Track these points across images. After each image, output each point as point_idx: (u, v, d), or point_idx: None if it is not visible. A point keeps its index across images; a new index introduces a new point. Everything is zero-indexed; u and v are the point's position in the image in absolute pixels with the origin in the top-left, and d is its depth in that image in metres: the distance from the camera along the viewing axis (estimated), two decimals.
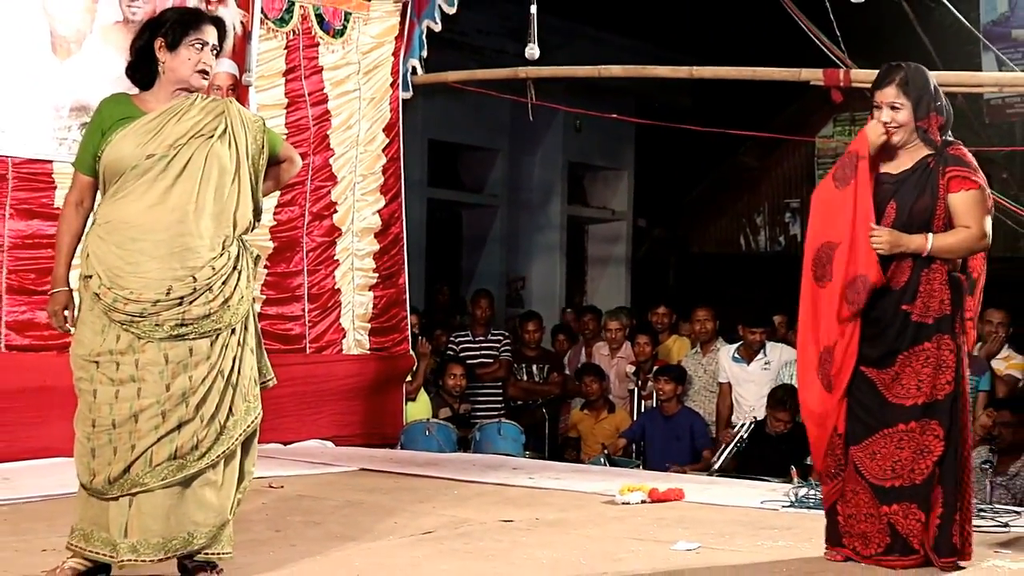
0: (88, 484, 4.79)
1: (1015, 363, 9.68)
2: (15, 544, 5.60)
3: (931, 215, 5.29)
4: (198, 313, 4.80)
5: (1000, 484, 8.12)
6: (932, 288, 5.27)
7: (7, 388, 7.97)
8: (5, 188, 8.10)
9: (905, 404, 5.26)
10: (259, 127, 5.09)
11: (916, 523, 5.24)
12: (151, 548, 4.74)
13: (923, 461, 5.23)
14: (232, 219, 4.95)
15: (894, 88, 5.36)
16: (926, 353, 5.27)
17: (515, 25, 9.61)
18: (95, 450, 4.76)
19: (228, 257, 4.90)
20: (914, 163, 5.37)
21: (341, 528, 6.20)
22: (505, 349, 11.48)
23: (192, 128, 4.90)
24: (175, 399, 4.76)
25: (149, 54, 4.98)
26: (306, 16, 9.75)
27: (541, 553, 5.62)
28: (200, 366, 4.81)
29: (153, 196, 4.83)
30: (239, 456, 4.95)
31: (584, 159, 16.25)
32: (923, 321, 5.27)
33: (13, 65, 8.08)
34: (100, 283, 4.78)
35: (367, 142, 10.22)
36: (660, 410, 10.25)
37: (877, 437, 5.29)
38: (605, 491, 7.36)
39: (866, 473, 5.31)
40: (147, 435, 4.73)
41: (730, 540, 5.98)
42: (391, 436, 10.07)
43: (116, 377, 4.75)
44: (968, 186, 5.28)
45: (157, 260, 4.78)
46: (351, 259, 10.11)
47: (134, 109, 4.94)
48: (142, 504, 4.74)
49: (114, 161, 4.85)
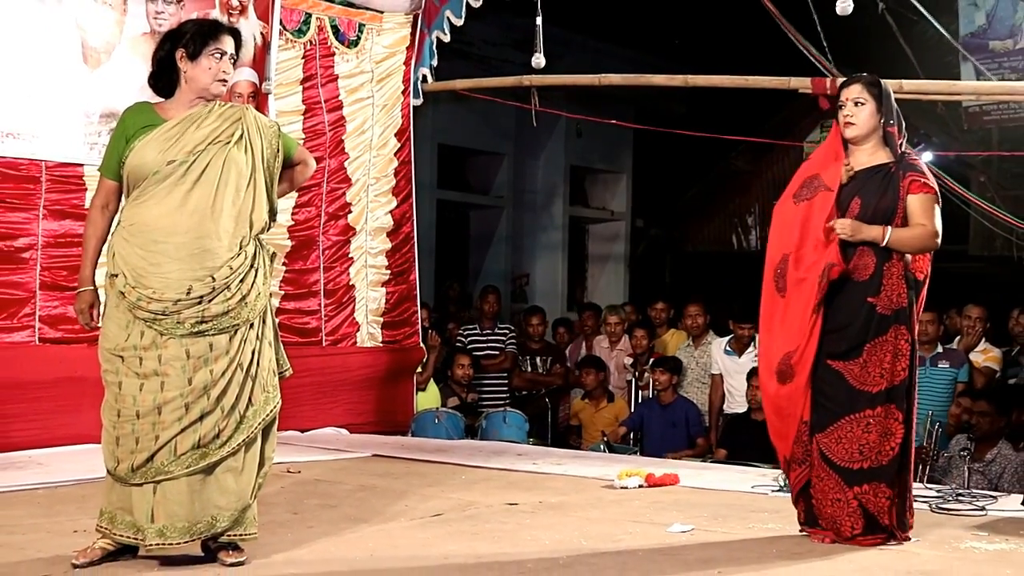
0: (113, 470, 4.82)
1: (992, 356, 9.66)
2: (48, 526, 5.62)
3: (892, 214, 5.45)
4: (217, 311, 4.82)
5: (977, 470, 8.12)
6: (892, 282, 5.41)
7: (41, 379, 7.98)
8: (39, 190, 8.11)
9: (872, 391, 5.38)
10: (274, 132, 5.10)
11: (885, 500, 5.37)
12: (177, 532, 4.77)
13: (888, 443, 5.38)
14: (248, 220, 4.96)
15: (859, 86, 5.55)
16: (887, 343, 5.39)
17: (519, 36, 9.61)
18: (119, 438, 4.79)
19: (245, 256, 4.91)
20: (875, 164, 5.51)
21: (355, 511, 6.21)
22: (511, 342, 11.48)
23: (210, 135, 4.91)
24: (197, 392, 4.78)
25: (170, 64, 5.00)
26: (322, 27, 9.76)
27: (544, 534, 5.63)
28: (220, 360, 4.83)
29: (174, 200, 4.84)
30: (259, 443, 4.96)
31: (585, 163, 16.23)
32: (884, 313, 5.40)
33: (47, 74, 8.10)
34: (125, 282, 4.80)
35: (380, 146, 10.22)
36: (657, 399, 10.25)
37: (843, 423, 5.39)
38: (604, 476, 7.37)
39: (833, 457, 5.40)
40: (171, 426, 4.75)
41: (723, 523, 5.99)
42: (402, 424, 10.08)
43: (140, 371, 4.78)
44: (926, 190, 5.45)
45: (178, 261, 4.80)
46: (365, 257, 10.11)
47: (156, 117, 4.95)
48: (167, 491, 4.76)
49: (137, 167, 4.86)
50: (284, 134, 5.20)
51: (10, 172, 8.00)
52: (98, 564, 4.80)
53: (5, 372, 7.85)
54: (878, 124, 5.53)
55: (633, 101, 14.44)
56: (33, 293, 8.08)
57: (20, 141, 8.00)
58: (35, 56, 8.04)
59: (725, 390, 10.22)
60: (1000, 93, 11.05)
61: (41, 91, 8.06)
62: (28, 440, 7.82)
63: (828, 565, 5.09)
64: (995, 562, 5.18)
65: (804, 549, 5.38)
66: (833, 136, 5.65)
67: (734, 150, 15.25)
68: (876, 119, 5.51)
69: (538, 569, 4.93)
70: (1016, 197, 13.36)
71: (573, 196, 16.24)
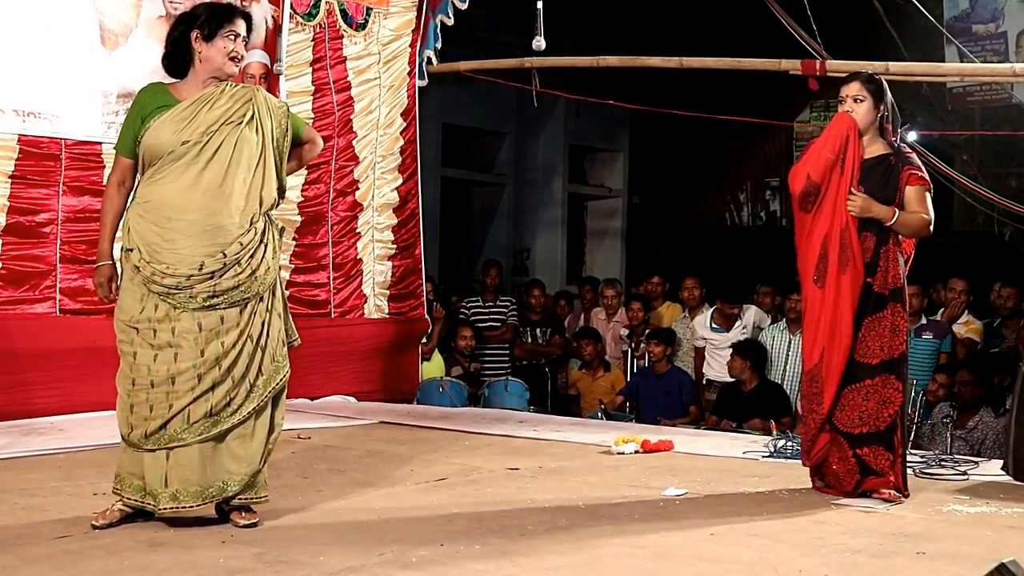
0: (126, 436, 4.84)
1: (974, 327, 9.67)
2: (69, 489, 5.63)
3: (891, 202, 5.70)
4: (228, 285, 4.83)
5: (960, 437, 8.13)
6: (887, 264, 5.67)
7: (62, 348, 7.98)
8: (59, 167, 8.09)
9: (871, 363, 5.64)
10: (283, 112, 5.09)
11: (885, 462, 5.62)
12: (190, 496, 4.79)
13: (886, 410, 5.63)
14: (259, 198, 4.96)
15: (858, 83, 5.78)
16: (884, 319, 5.64)
17: (521, 20, 9.55)
18: (133, 406, 4.81)
19: (255, 232, 4.91)
20: (875, 155, 5.76)
21: (363, 475, 6.22)
22: (512, 314, 11.48)
23: (223, 115, 4.90)
24: (209, 363, 4.79)
25: (184, 45, 4.98)
26: (331, 11, 9.72)
27: (544, 497, 5.64)
28: (230, 332, 4.84)
29: (188, 179, 4.84)
30: (269, 410, 4.97)
31: (583, 142, 16.19)
32: (881, 292, 5.66)
33: (67, 56, 8.08)
34: (140, 257, 4.80)
35: (386, 126, 10.20)
36: (652, 369, 10.26)
37: (846, 392, 5.66)
38: (602, 442, 7.37)
39: (838, 423, 5.67)
40: (184, 395, 4.77)
41: (715, 486, 6.00)
42: (408, 392, 10.08)
43: (154, 342, 4.79)
44: (923, 183, 5.75)
45: (191, 238, 4.79)
46: (372, 232, 10.10)
47: (170, 97, 4.94)
48: (180, 457, 4.78)
49: (153, 146, 4.85)
50: (293, 114, 5.19)
51: (32, 150, 7.99)
52: (116, 526, 4.81)
53: (28, 342, 7.85)
54: (875, 119, 5.76)
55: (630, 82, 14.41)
56: (54, 266, 8.08)
57: (41, 120, 7.99)
58: (55, 38, 8.02)
59: (707, 361, 10.24)
60: (983, 75, 11.05)
61: (61, 72, 8.04)
62: (50, 407, 7.82)
63: (816, 525, 5.10)
64: (976, 524, 5.19)
65: (793, 511, 5.40)
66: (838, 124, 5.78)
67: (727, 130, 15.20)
68: (873, 114, 5.75)
69: (538, 530, 4.93)
70: (997, 175, 13.35)
71: (572, 174, 16.21)
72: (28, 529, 4.78)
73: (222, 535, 4.74)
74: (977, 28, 13.39)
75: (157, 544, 4.57)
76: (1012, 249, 13.21)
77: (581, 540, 4.78)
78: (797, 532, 4.99)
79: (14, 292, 7.95)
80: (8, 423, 7.45)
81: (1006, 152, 13.84)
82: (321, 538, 4.75)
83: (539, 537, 4.82)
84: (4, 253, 7.92)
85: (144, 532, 4.74)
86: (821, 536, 4.91)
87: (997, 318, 10.03)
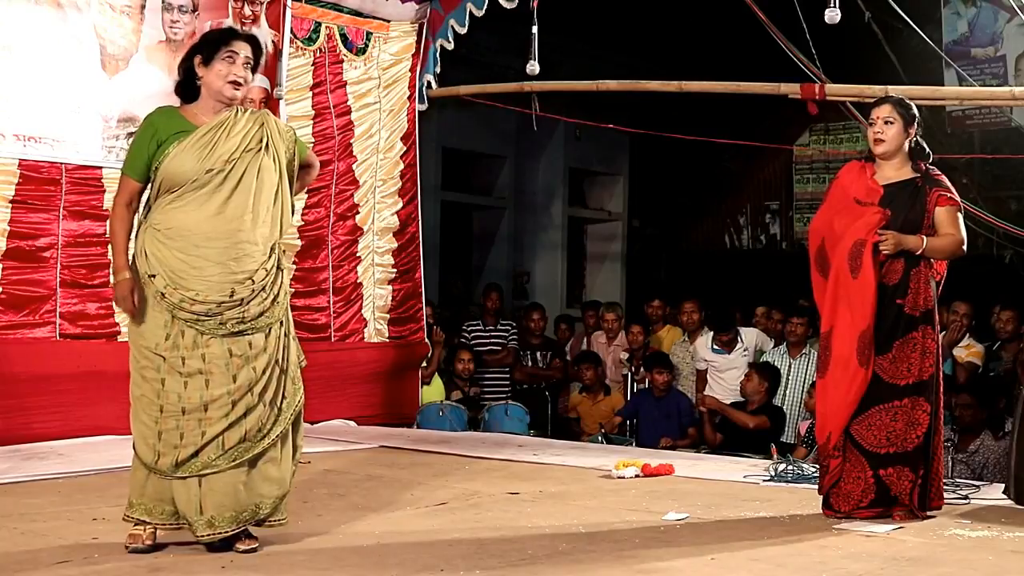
0: (152, 464, 4.80)
1: (975, 351, 9.65)
2: (68, 514, 5.63)
3: (920, 225, 5.70)
4: (255, 312, 4.86)
5: (961, 460, 8.12)
6: (919, 286, 5.67)
7: (61, 372, 7.99)
8: (59, 192, 8.11)
9: (899, 384, 5.64)
10: (291, 137, 5.13)
11: (908, 483, 5.62)
12: (225, 521, 4.81)
13: (914, 432, 5.63)
14: (279, 224, 5.00)
15: (889, 106, 5.84)
16: (915, 341, 5.65)
17: (521, 44, 9.58)
18: (162, 434, 4.78)
19: (276, 258, 4.96)
20: (902, 179, 5.78)
21: (363, 500, 6.21)
22: (512, 337, 11.49)
23: (241, 143, 4.90)
24: (243, 389, 4.81)
25: (192, 72, 4.99)
26: (331, 36, 9.76)
27: (544, 522, 5.63)
28: (260, 358, 4.87)
29: (213, 206, 4.85)
30: (291, 432, 5.01)
31: (583, 165, 16.20)
32: (912, 314, 5.66)
33: (68, 81, 8.12)
34: (165, 283, 4.79)
35: (387, 150, 10.22)
36: (651, 391, 10.25)
37: (873, 411, 5.65)
38: (602, 466, 7.37)
39: (862, 442, 5.66)
40: (217, 422, 4.78)
41: (716, 510, 5.99)
42: (408, 416, 10.08)
43: (183, 370, 4.79)
44: (952, 203, 5.76)
45: (219, 265, 4.81)
46: (372, 256, 10.12)
47: (186, 123, 4.93)
48: (213, 483, 4.79)
49: (175, 174, 4.83)
50: (298, 138, 5.21)
51: (32, 175, 8.01)
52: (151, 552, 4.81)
53: (28, 366, 7.86)
54: (903, 142, 5.80)
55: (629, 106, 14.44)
56: (54, 291, 8.09)
57: (42, 145, 8.02)
58: (56, 63, 8.05)
59: (709, 384, 10.23)
60: (982, 98, 11.06)
61: (62, 97, 8.08)
62: (50, 431, 7.83)
63: (817, 549, 5.09)
64: (978, 549, 5.18)
65: (794, 535, 5.39)
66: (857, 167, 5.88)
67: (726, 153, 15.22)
68: (902, 138, 5.79)
69: (539, 555, 4.93)
70: (997, 198, 13.35)
71: (572, 197, 16.22)
72: (27, 555, 4.77)
73: (222, 560, 4.73)
74: (976, 52, 13.41)
75: (157, 569, 4.57)
76: (1012, 272, 13.23)
77: (582, 565, 4.77)
78: (798, 556, 4.98)
79: (14, 316, 7.96)
80: (8, 448, 7.45)
81: (1006, 175, 13.86)
82: (321, 563, 4.74)
83: (539, 562, 4.81)
84: (4, 277, 7.93)
85: (144, 558, 4.74)
86: (823, 560, 4.90)
87: (997, 342, 10.02)
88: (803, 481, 6.69)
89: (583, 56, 13.78)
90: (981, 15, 13.33)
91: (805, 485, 6.54)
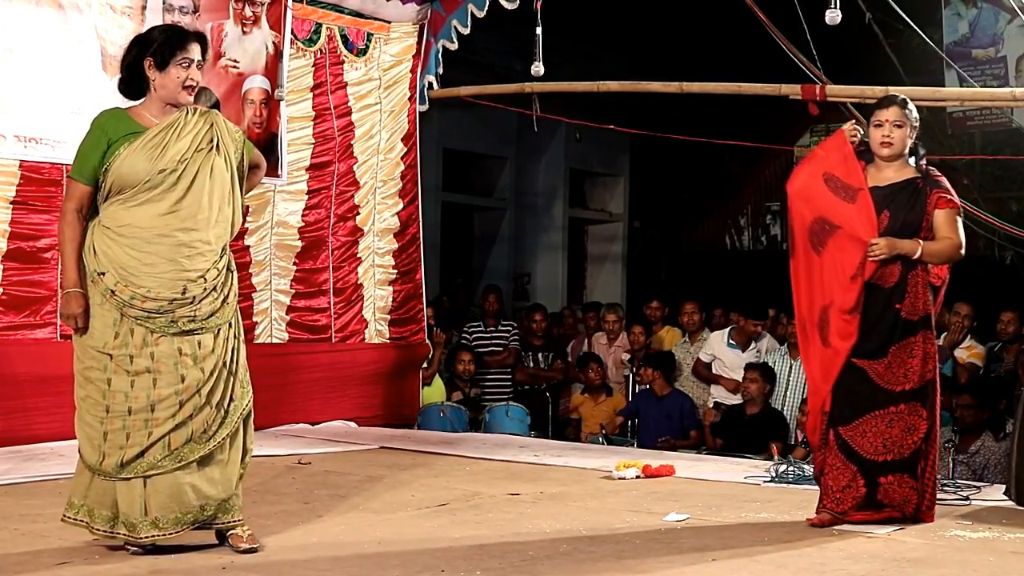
0: (96, 465, 4.79)
1: (976, 352, 9.65)
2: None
3: (919, 227, 5.62)
4: (206, 311, 4.84)
5: (961, 461, 8.12)
6: (917, 290, 5.59)
7: (63, 373, 7.87)
8: (60, 193, 8.08)
9: (895, 390, 5.55)
10: (240, 138, 5.10)
11: (908, 490, 5.56)
12: (170, 523, 4.78)
13: (911, 437, 5.56)
14: (231, 224, 4.97)
15: (896, 108, 5.72)
16: (913, 346, 5.57)
17: (522, 45, 9.57)
18: (107, 434, 4.77)
19: (227, 259, 4.96)
20: (902, 179, 5.70)
21: (363, 500, 6.21)
22: (513, 338, 11.49)
23: (192, 143, 4.87)
24: (190, 390, 4.79)
25: (138, 70, 4.94)
26: (332, 37, 9.76)
27: (545, 523, 5.64)
28: (208, 359, 4.84)
29: (165, 205, 4.82)
30: (241, 434, 4.97)
31: (584, 166, 16.20)
32: (910, 318, 5.58)
33: (69, 82, 8.10)
34: (116, 281, 4.76)
35: (387, 151, 10.22)
36: (652, 391, 10.25)
37: (867, 418, 5.57)
38: (603, 467, 7.37)
39: (859, 450, 5.57)
40: (164, 423, 4.76)
41: (716, 512, 5.99)
42: (409, 417, 10.08)
43: (131, 368, 4.76)
44: (951, 206, 5.66)
45: (172, 262, 4.79)
46: (372, 257, 10.11)
47: (135, 124, 4.89)
48: (158, 484, 4.76)
49: (127, 175, 4.79)
50: (246, 139, 5.19)
51: (33, 176, 8.01)
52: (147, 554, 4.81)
53: (29, 367, 7.85)
54: (908, 144, 5.73)
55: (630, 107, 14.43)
56: (54, 292, 8.07)
57: (43, 146, 8.01)
58: (57, 64, 8.04)
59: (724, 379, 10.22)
60: (982, 99, 11.06)
61: (62, 98, 8.06)
62: (50, 432, 7.79)
63: (818, 552, 5.09)
64: (979, 550, 5.18)
65: (795, 537, 5.38)
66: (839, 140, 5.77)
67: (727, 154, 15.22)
68: (908, 140, 5.72)
69: (539, 556, 4.93)
70: (998, 199, 13.36)
71: (573, 198, 16.22)
72: (28, 556, 4.77)
73: (221, 561, 4.74)
74: (977, 53, 13.41)
75: (157, 570, 4.57)
76: (1013, 273, 13.22)
77: (582, 566, 4.77)
78: (799, 557, 4.98)
79: (15, 318, 7.96)
80: (9, 449, 7.45)
81: (1006, 176, 13.86)
82: (322, 564, 4.74)
83: (540, 563, 4.81)
84: (5, 279, 7.93)
85: (145, 559, 4.74)
86: (823, 561, 4.90)
87: (998, 343, 10.01)
88: (804, 482, 6.68)
89: (583, 57, 13.79)
90: (982, 16, 13.33)
91: (806, 486, 6.53)
